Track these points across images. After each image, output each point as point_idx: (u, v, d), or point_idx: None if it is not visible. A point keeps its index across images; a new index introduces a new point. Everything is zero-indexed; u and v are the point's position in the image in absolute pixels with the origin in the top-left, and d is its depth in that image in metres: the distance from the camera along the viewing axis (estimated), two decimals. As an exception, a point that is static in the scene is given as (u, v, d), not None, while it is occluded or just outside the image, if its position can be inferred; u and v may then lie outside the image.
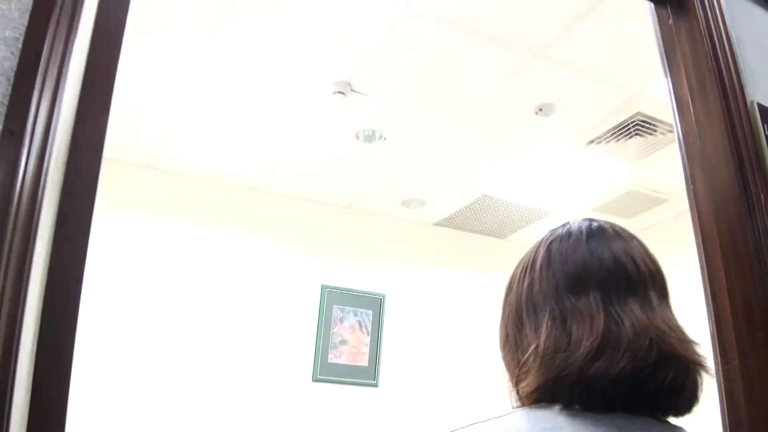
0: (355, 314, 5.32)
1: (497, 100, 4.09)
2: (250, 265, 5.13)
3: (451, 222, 5.90)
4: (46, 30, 0.90)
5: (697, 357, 0.96)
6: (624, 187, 5.16)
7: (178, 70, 3.87)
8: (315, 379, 5.03)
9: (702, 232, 1.60)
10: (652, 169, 4.85)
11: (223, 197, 5.20)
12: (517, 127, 4.39)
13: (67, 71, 0.92)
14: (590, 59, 3.74)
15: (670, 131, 4.25)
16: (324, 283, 5.25)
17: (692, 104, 1.74)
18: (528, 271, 1.10)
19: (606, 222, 1.11)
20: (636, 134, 4.42)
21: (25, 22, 0.90)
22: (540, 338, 0.98)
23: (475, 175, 5.06)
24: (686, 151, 1.73)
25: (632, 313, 0.96)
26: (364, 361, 5.25)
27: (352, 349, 5.23)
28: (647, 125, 4.31)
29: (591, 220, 1.12)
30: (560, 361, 0.93)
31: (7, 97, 0.85)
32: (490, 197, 5.39)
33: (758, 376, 1.40)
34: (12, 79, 0.86)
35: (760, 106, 1.71)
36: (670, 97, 1.82)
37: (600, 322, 0.95)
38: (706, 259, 1.56)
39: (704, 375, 0.96)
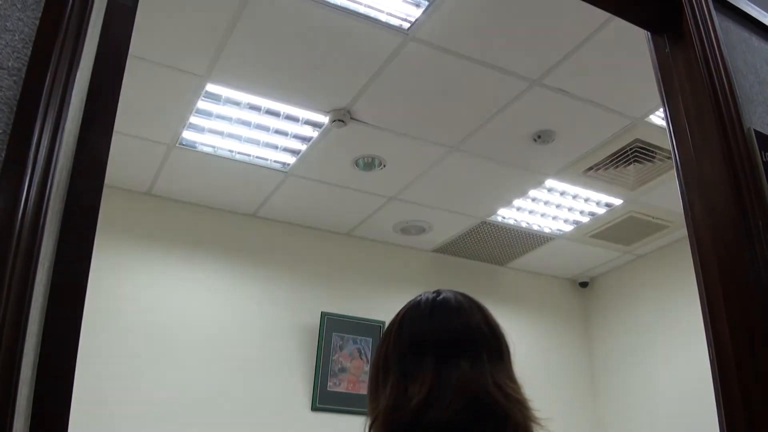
0: (355, 342, 5.29)
1: (496, 127, 4.11)
2: (250, 293, 5.12)
3: (450, 249, 5.90)
4: (48, 60, 0.91)
5: (521, 412, 1.10)
6: (623, 213, 5.17)
7: (177, 98, 3.89)
8: (314, 408, 4.99)
9: (701, 258, 1.61)
10: (651, 195, 4.87)
11: (222, 224, 5.20)
12: (515, 153, 4.41)
13: (69, 100, 0.93)
14: (588, 86, 3.77)
15: (669, 158, 4.26)
16: (323, 311, 5.23)
17: (689, 131, 1.75)
18: (386, 336, 1.27)
19: (452, 293, 1.30)
20: (635, 161, 4.44)
21: (29, 52, 0.91)
22: (386, 397, 1.14)
23: (474, 201, 5.07)
24: (684, 177, 1.74)
25: (461, 373, 1.12)
26: (363, 390, 5.21)
27: (351, 377, 5.20)
28: (646, 152, 4.33)
29: (438, 292, 1.29)
30: (396, 418, 1.10)
31: (10, 126, 0.86)
32: (489, 224, 5.39)
33: (759, 403, 1.39)
34: (15, 108, 0.87)
35: (756, 132, 1.72)
36: (668, 125, 1.83)
37: (429, 381, 1.11)
38: (705, 285, 1.56)
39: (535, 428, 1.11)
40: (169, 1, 3.19)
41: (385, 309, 5.49)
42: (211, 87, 3.81)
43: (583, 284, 6.54)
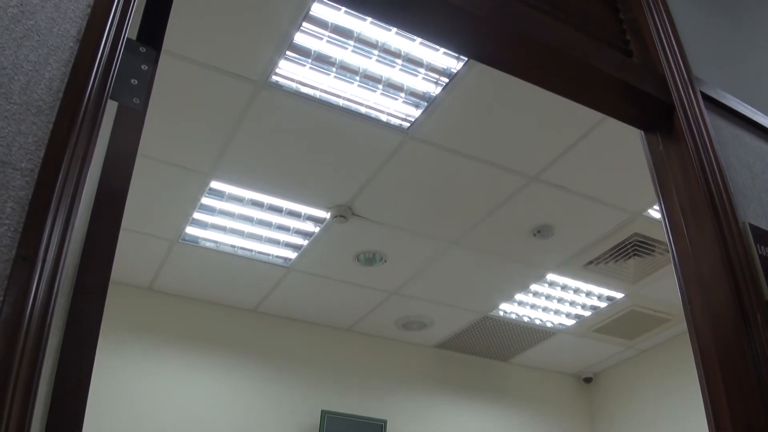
0: (356, 440, 5.19)
1: (496, 222, 4.15)
2: (249, 389, 5.06)
3: (452, 344, 5.86)
4: (60, 162, 0.94)
5: None
6: (625, 307, 5.15)
7: (181, 194, 3.95)
8: None
9: (701, 352, 1.60)
10: (652, 288, 4.86)
11: (222, 320, 5.18)
12: (516, 248, 4.44)
13: (79, 200, 0.95)
14: (586, 182, 3.83)
15: (668, 251, 4.28)
16: (324, 409, 5.15)
17: (686, 227, 1.77)
18: None
19: None
20: (634, 254, 4.46)
21: (42, 154, 0.95)
22: None
23: (475, 296, 5.07)
24: (682, 272, 1.75)
25: None
26: (365, 490, 5.08)
27: (353, 478, 5.08)
28: (645, 246, 4.36)
29: None
30: None
31: (22, 224, 0.88)
32: (491, 319, 5.37)
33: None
34: (27, 207, 0.90)
35: (752, 226, 1.74)
36: (664, 221, 1.85)
37: None
38: (706, 380, 1.56)
39: None
40: (176, 101, 3.28)
41: (386, 407, 5.42)
42: (215, 184, 3.87)
43: (588, 380, 6.46)
